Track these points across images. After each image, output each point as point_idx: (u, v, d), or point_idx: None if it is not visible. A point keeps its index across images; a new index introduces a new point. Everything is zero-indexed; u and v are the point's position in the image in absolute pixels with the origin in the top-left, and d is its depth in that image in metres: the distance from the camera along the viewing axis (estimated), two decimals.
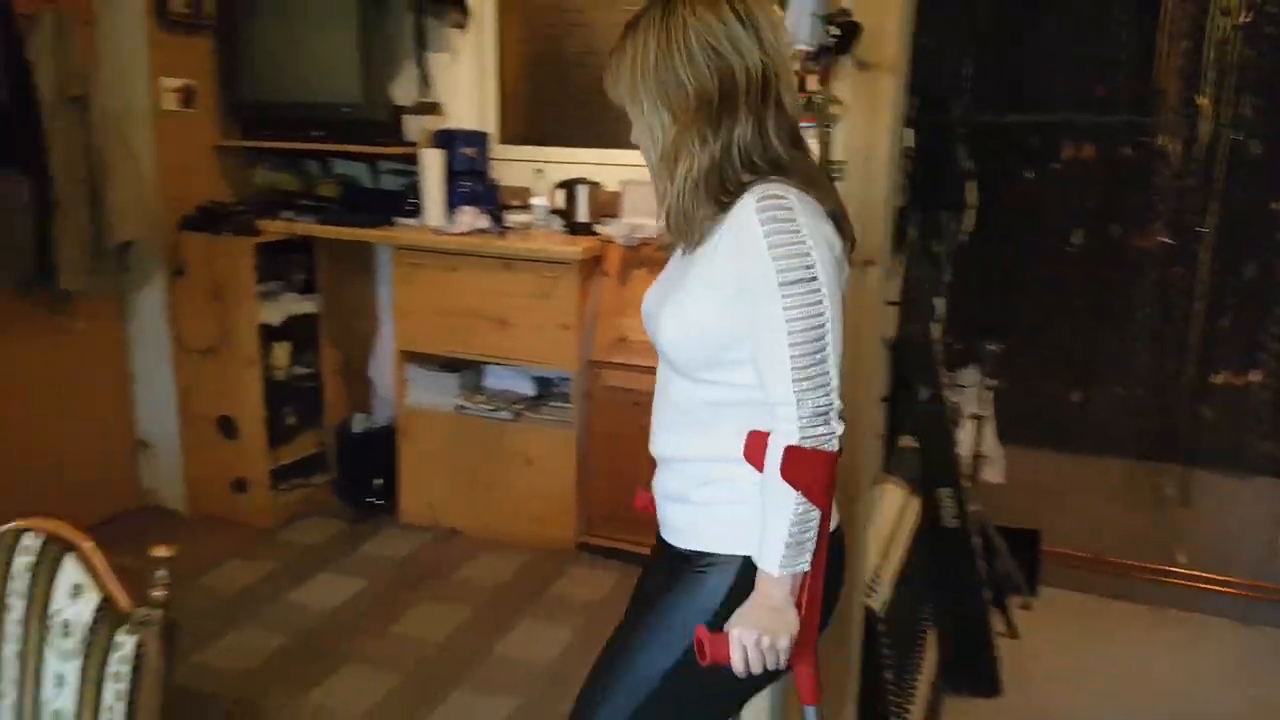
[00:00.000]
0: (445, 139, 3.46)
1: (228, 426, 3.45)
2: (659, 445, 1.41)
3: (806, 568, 1.19)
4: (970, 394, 3.08)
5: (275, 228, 3.43)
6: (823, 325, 1.16)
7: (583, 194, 3.40)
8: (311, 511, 3.63)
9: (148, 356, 3.53)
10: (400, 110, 3.60)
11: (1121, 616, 3.07)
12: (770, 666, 1.18)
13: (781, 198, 1.17)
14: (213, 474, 3.53)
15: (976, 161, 2.84)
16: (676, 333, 1.29)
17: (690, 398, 1.32)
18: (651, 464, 1.48)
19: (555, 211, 3.47)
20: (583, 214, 3.41)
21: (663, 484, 1.41)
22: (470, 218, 3.34)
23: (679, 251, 1.35)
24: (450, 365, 3.48)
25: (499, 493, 3.43)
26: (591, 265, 3.29)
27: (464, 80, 3.72)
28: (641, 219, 3.29)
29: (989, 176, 2.91)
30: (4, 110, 2.88)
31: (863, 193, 1.75)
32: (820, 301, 1.16)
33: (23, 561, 1.20)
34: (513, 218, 3.48)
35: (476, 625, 2.87)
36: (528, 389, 3.54)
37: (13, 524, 1.24)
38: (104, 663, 1.12)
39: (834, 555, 1.28)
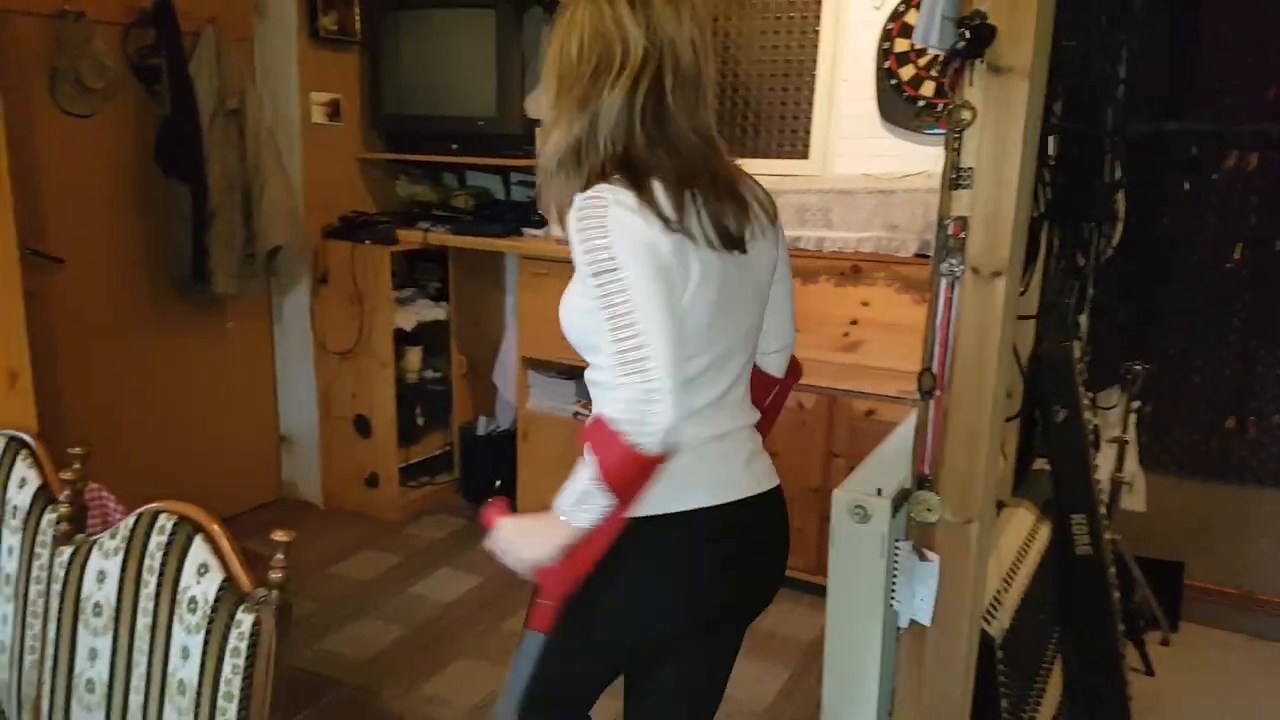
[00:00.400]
0: None
1: (362, 425, 3.62)
2: None
3: (581, 527, 1.23)
4: (1113, 416, 2.90)
5: (412, 237, 3.57)
6: (628, 315, 1.16)
7: None
8: (435, 509, 3.76)
9: (291, 357, 3.74)
10: (533, 123, 3.69)
11: (1269, 658, 2.83)
12: (504, 561, 1.32)
13: (598, 197, 1.21)
14: (347, 470, 3.70)
15: (1127, 171, 2.68)
16: (563, 315, 1.37)
17: (588, 377, 1.40)
18: None
19: None
20: None
21: None
22: None
23: None
24: (569, 372, 3.53)
25: None
26: None
27: None
28: (792, 230, 3.26)
29: (1141, 187, 2.74)
30: (168, 124, 3.10)
31: (992, 202, 1.67)
32: (623, 292, 1.17)
33: (157, 541, 1.28)
34: None
35: None
36: None
37: (151, 505, 1.33)
38: (225, 638, 1.19)
39: (648, 540, 1.31)
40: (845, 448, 3.05)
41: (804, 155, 3.53)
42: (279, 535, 1.20)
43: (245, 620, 1.17)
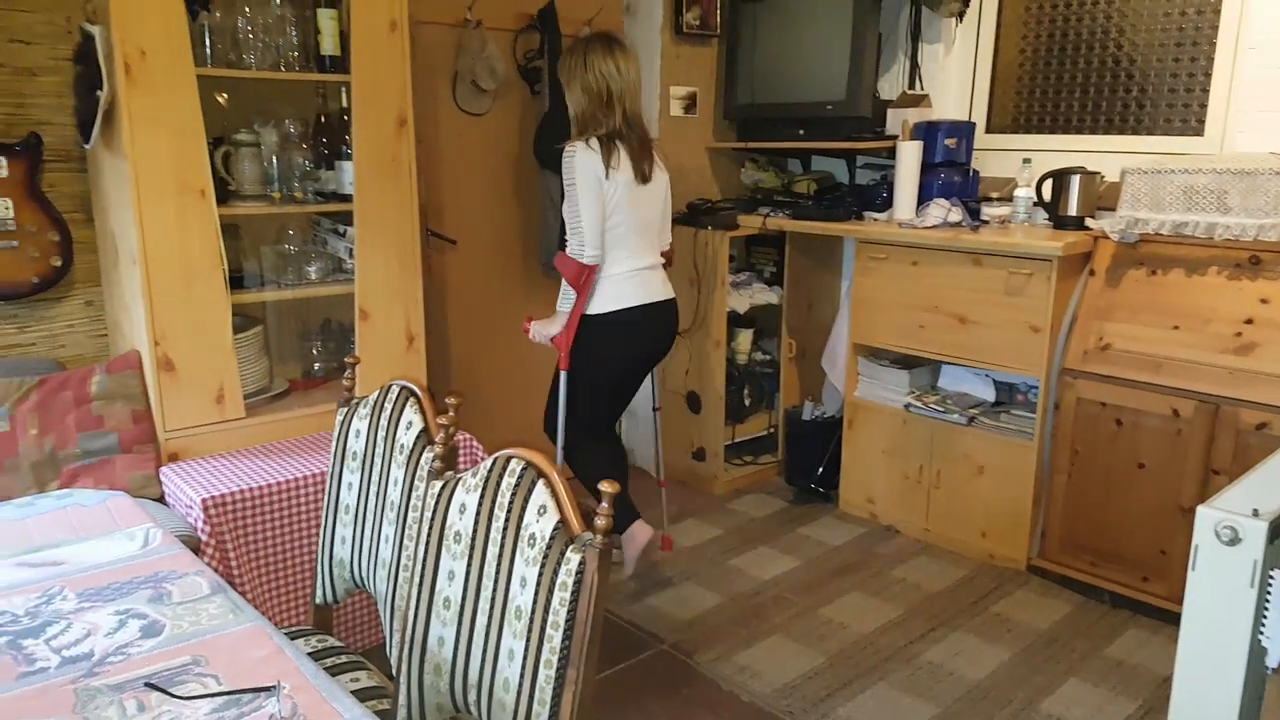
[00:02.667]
0: (926, 131, 3.40)
1: (694, 401, 3.78)
2: None
3: (566, 310, 2.73)
4: None
5: (752, 222, 3.66)
6: (575, 208, 2.63)
7: (1075, 184, 3.12)
8: (757, 488, 3.84)
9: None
10: (884, 104, 3.62)
11: None
12: (536, 341, 2.81)
13: (571, 146, 2.66)
14: (679, 442, 3.90)
15: None
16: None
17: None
18: None
19: (1040, 204, 3.23)
20: (1073, 206, 3.13)
21: None
22: (940, 210, 3.25)
23: None
24: (903, 361, 3.43)
25: (944, 498, 3.30)
26: (1075, 263, 3.01)
27: (954, 70, 3.63)
28: (1144, 212, 2.92)
29: None
30: (546, 120, 3.44)
31: None
32: (574, 197, 2.63)
33: (507, 482, 1.45)
34: (990, 210, 3.31)
35: (906, 626, 2.81)
36: (986, 393, 3.35)
37: (505, 450, 1.50)
38: (555, 572, 1.32)
39: (597, 325, 2.75)
40: (1227, 464, 2.67)
41: (1197, 132, 3.13)
42: (605, 486, 1.31)
43: (573, 559, 1.29)
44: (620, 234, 2.70)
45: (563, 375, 2.84)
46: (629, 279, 2.75)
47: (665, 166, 2.85)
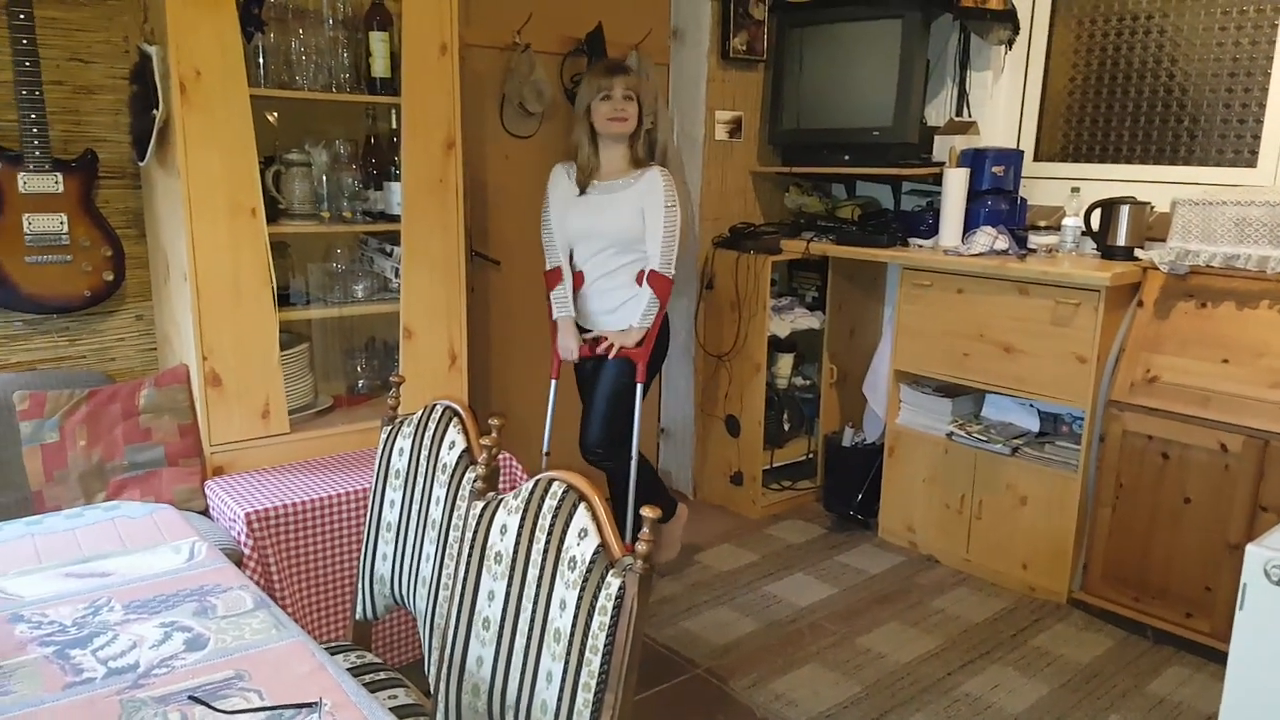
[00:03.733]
0: (973, 158, 3.38)
1: (732, 425, 3.77)
2: None
3: (648, 325, 2.92)
4: None
5: (795, 247, 3.65)
6: (674, 228, 2.85)
7: (1124, 214, 3.08)
8: (794, 514, 3.81)
9: (674, 356, 3.98)
10: (931, 131, 3.60)
11: None
12: (610, 355, 2.90)
13: (664, 170, 2.89)
14: (716, 465, 3.88)
15: None
16: (620, 227, 2.92)
17: (625, 264, 2.99)
18: None
19: (1088, 233, 3.19)
20: (1122, 236, 3.09)
21: None
22: (987, 238, 3.22)
23: None
24: (947, 389, 3.39)
25: (985, 529, 3.25)
26: (1123, 294, 2.96)
27: (1003, 97, 3.61)
28: (1195, 243, 2.88)
29: None
30: None
31: None
32: (675, 217, 2.86)
33: (549, 504, 1.45)
34: (1037, 239, 3.28)
35: (945, 657, 2.76)
36: (1030, 423, 3.30)
37: (547, 473, 1.50)
38: (596, 596, 1.31)
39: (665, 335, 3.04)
40: (1276, 501, 2.61)
41: (1250, 163, 3.09)
42: (647, 512, 1.30)
43: (613, 583, 1.29)
44: None
45: (639, 389, 2.92)
46: None
47: None
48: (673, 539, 3.25)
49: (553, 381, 3.08)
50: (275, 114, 2.69)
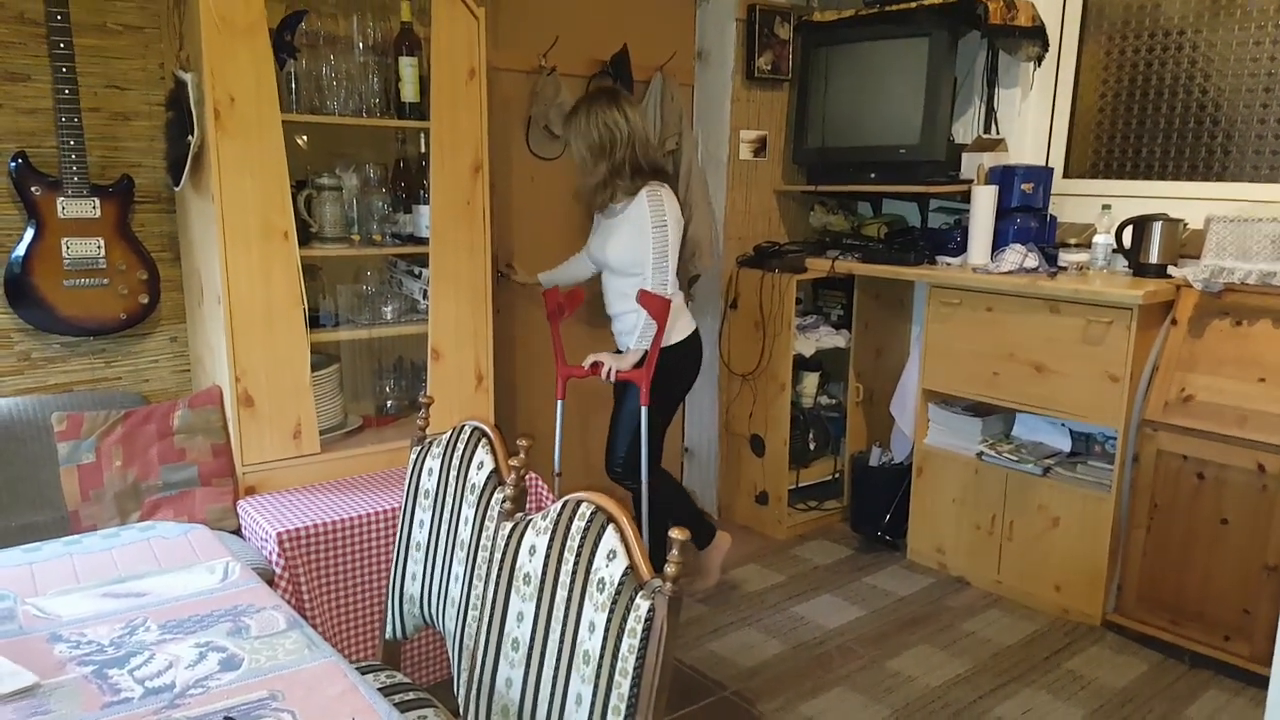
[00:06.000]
0: (1002, 175, 3.37)
1: (757, 444, 3.75)
2: None
3: (645, 346, 2.84)
4: None
5: (819, 265, 3.65)
6: (665, 246, 2.83)
7: (1156, 231, 3.05)
8: (821, 534, 3.78)
9: (700, 375, 3.99)
10: (959, 148, 3.59)
11: None
12: (608, 380, 2.87)
13: (654, 187, 2.84)
14: (741, 485, 3.86)
15: None
16: (619, 254, 2.93)
17: (625, 288, 2.96)
18: None
19: (1120, 250, 3.16)
20: (1154, 254, 3.06)
21: None
22: (1016, 256, 3.20)
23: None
24: (976, 409, 3.36)
25: (1017, 550, 3.21)
26: (1156, 312, 2.93)
27: (1032, 113, 3.59)
28: (1230, 261, 2.85)
29: None
30: None
31: None
32: (664, 236, 2.83)
33: (577, 525, 1.45)
34: (1067, 256, 3.25)
35: (975, 681, 2.72)
36: (1062, 443, 3.26)
37: (575, 494, 1.51)
38: (625, 619, 1.31)
39: (677, 355, 2.96)
40: None
41: None
42: (676, 534, 1.30)
43: (642, 605, 1.29)
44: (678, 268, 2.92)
45: (644, 411, 2.86)
46: (683, 310, 3.01)
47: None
48: (711, 566, 3.20)
49: (559, 402, 3.06)
50: (306, 138, 2.73)
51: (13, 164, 2.38)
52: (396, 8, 2.66)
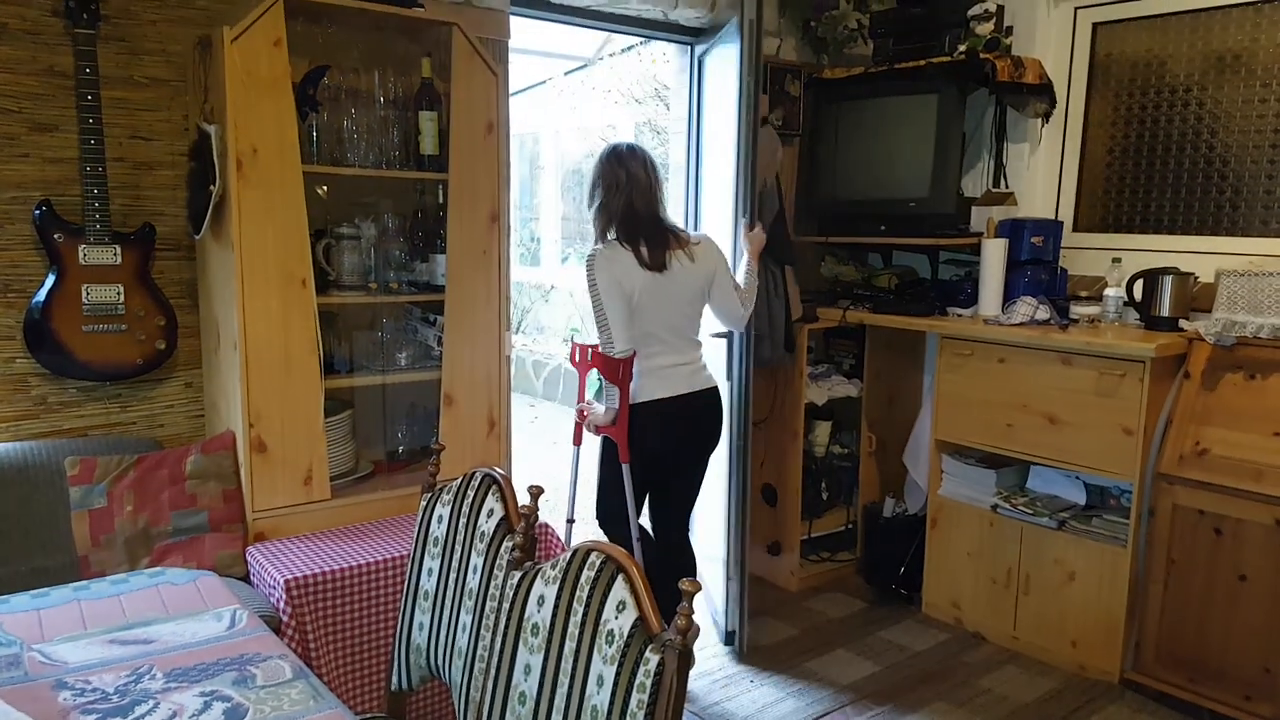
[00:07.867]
0: (1011, 228, 3.38)
1: (769, 493, 3.73)
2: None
3: (614, 406, 2.70)
4: None
5: (831, 315, 3.65)
6: (600, 306, 2.65)
7: (1167, 285, 3.06)
8: (834, 586, 3.73)
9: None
10: (968, 201, 3.62)
11: None
12: (590, 432, 2.84)
13: (593, 249, 2.70)
14: (754, 536, 3.82)
15: None
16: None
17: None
18: None
19: (1131, 303, 3.16)
20: (1165, 307, 3.06)
21: None
22: (1027, 308, 3.20)
23: None
24: (990, 460, 3.33)
25: (1033, 605, 3.16)
26: (1168, 365, 2.92)
27: (1040, 168, 3.62)
28: (1241, 314, 2.84)
29: None
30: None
31: None
32: (596, 295, 2.65)
33: (587, 575, 1.44)
34: (1079, 309, 3.26)
35: None
36: (1077, 496, 3.23)
37: (585, 542, 1.50)
38: (634, 673, 1.30)
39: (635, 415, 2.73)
40: None
41: None
42: (686, 585, 1.29)
43: (652, 659, 1.27)
44: (649, 329, 2.68)
45: (624, 468, 2.74)
46: (656, 374, 2.72)
47: (705, 258, 2.76)
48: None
49: (574, 448, 2.99)
50: (325, 188, 2.78)
51: (37, 211, 2.43)
52: (417, 64, 2.72)
